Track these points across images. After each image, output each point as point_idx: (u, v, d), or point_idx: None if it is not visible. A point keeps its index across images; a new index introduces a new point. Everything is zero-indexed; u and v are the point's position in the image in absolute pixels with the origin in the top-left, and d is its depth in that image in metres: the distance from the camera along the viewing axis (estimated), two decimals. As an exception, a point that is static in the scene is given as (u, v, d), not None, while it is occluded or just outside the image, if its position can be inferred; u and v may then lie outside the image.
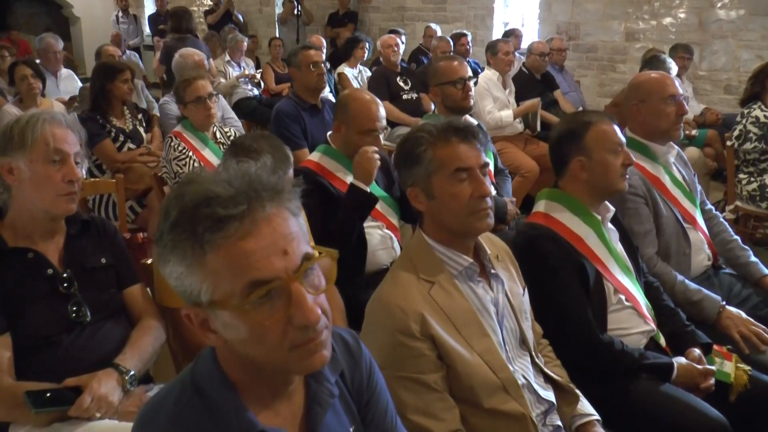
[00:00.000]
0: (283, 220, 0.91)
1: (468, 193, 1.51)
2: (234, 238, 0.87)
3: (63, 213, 1.75)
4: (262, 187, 0.90)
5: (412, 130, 1.61)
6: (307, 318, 0.89)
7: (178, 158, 3.03)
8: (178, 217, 0.88)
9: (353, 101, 2.53)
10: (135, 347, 1.77)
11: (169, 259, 0.90)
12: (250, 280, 0.87)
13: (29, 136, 1.68)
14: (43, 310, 1.70)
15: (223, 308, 0.88)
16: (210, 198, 0.88)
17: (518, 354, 1.63)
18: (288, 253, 0.90)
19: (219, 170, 0.95)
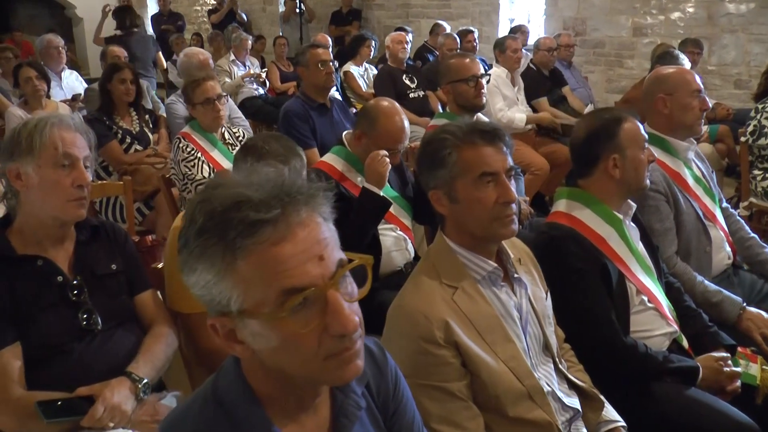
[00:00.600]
0: (317, 225, 0.87)
1: (493, 198, 1.47)
2: (267, 244, 0.83)
3: (73, 219, 1.71)
4: (296, 191, 0.86)
5: (436, 131, 1.55)
6: (344, 326, 0.85)
7: (187, 159, 2.99)
8: (206, 223, 0.84)
9: (383, 117, 2.43)
10: (147, 355, 1.73)
11: (196, 267, 0.86)
12: (284, 287, 0.83)
13: (37, 141, 1.64)
14: (53, 319, 1.66)
15: (255, 317, 0.85)
16: (241, 202, 0.84)
17: (541, 360, 1.58)
18: (323, 259, 0.86)
19: (246, 174, 0.91)
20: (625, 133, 1.95)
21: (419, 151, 1.59)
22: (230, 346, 0.90)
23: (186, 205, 0.90)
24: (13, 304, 1.61)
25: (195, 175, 2.98)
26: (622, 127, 1.96)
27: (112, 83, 3.74)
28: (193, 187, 2.98)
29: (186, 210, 0.90)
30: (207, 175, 2.99)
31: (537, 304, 1.61)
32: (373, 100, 2.60)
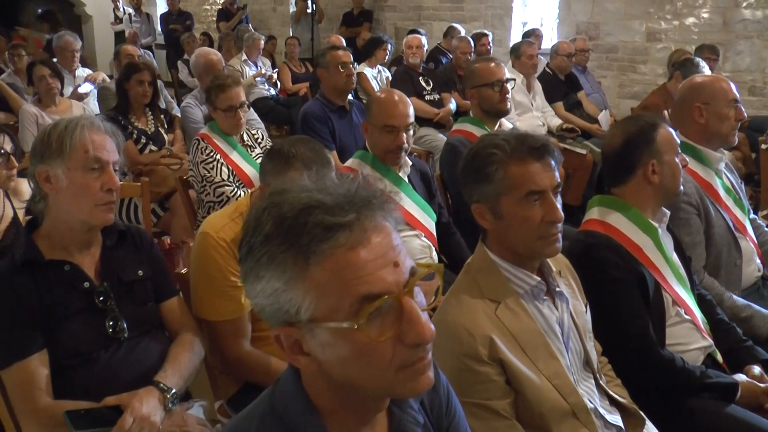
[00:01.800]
0: (390, 232, 0.84)
1: (539, 217, 1.42)
2: (344, 249, 0.80)
3: (101, 223, 1.67)
4: (371, 196, 0.84)
5: (483, 144, 1.50)
6: (421, 335, 0.81)
7: (206, 161, 2.95)
8: (275, 229, 0.81)
9: (377, 99, 2.51)
10: (175, 364, 1.69)
11: (263, 275, 0.82)
12: (360, 294, 0.79)
13: (67, 143, 1.60)
14: (79, 326, 1.62)
15: (327, 326, 0.81)
16: (313, 206, 0.81)
17: (583, 376, 1.54)
18: (398, 266, 0.82)
19: (312, 180, 0.88)
20: (661, 138, 1.91)
21: (464, 163, 1.54)
22: (294, 359, 0.87)
23: (248, 212, 0.87)
24: (41, 310, 1.57)
25: (214, 177, 2.93)
26: (659, 132, 1.92)
27: (129, 83, 3.72)
28: (212, 189, 2.94)
29: (248, 217, 0.87)
30: (226, 178, 2.95)
31: (578, 318, 1.56)
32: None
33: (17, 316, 1.55)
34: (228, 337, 1.86)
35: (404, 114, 2.43)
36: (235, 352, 1.86)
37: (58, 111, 4.18)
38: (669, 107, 4.40)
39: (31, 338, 1.55)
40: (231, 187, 2.93)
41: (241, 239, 0.87)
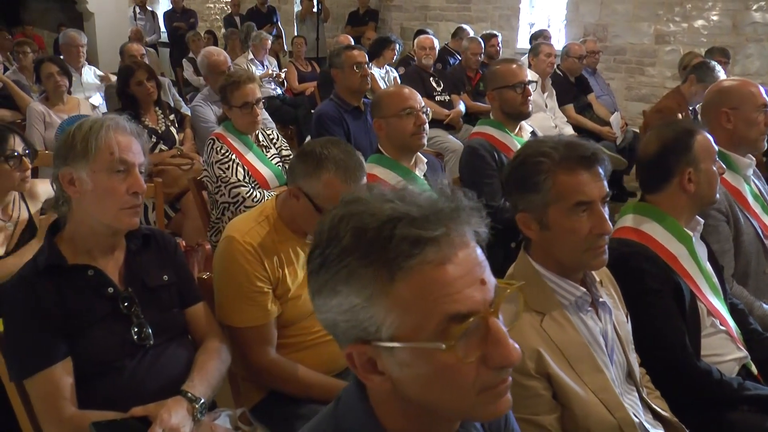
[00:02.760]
0: (474, 246, 0.80)
1: (587, 228, 1.38)
2: (433, 264, 0.75)
3: (126, 227, 1.61)
4: (459, 208, 0.79)
5: (530, 152, 1.44)
6: (507, 357, 0.78)
7: (221, 162, 2.89)
8: (355, 241, 0.76)
9: (383, 94, 2.54)
10: (202, 372, 1.64)
11: (340, 290, 0.78)
12: (448, 313, 0.75)
13: (93, 145, 1.54)
14: (104, 333, 1.56)
15: (409, 345, 0.77)
16: (398, 219, 0.76)
17: (626, 389, 1.49)
18: (485, 284, 0.78)
19: (391, 189, 0.83)
20: (699, 146, 1.87)
21: (509, 170, 1.49)
22: (367, 378, 0.82)
23: (319, 222, 0.82)
24: (65, 317, 1.52)
25: (229, 177, 2.88)
26: (696, 140, 1.87)
27: (130, 87, 3.69)
28: (227, 189, 2.88)
29: (320, 227, 0.82)
30: (241, 178, 2.89)
31: (620, 329, 1.52)
32: None
33: (41, 322, 1.49)
34: (253, 344, 1.80)
35: (417, 98, 2.46)
36: (261, 360, 1.81)
37: (65, 109, 4.13)
38: (683, 110, 4.36)
39: (56, 346, 1.50)
40: (247, 187, 2.88)
41: (311, 250, 0.82)
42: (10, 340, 1.52)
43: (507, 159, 2.85)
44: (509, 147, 2.89)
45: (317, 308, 0.83)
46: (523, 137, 2.98)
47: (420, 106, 2.39)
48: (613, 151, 5.09)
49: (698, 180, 1.85)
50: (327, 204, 1.71)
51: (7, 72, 5.74)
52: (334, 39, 9.61)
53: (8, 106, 4.68)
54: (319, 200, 1.73)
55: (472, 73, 5.89)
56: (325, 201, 1.71)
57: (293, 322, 1.87)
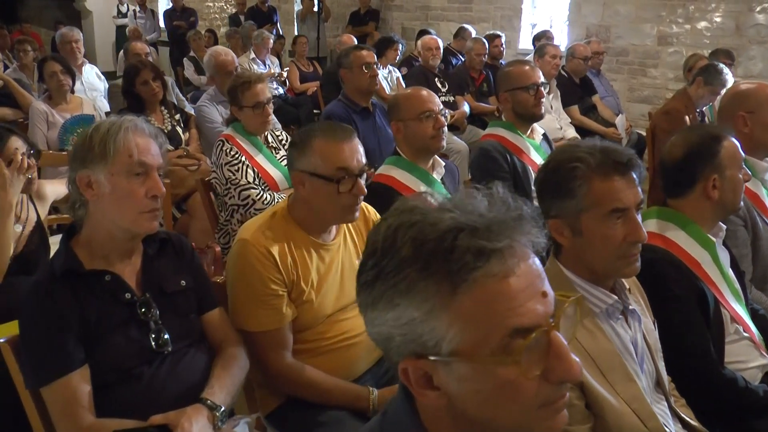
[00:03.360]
0: (534, 257, 0.78)
1: (621, 236, 1.36)
2: (498, 277, 0.73)
3: (145, 232, 1.58)
4: (521, 217, 0.77)
5: (565, 156, 1.41)
6: (570, 372, 0.75)
7: (231, 163, 2.86)
8: (414, 252, 0.74)
9: (401, 96, 2.48)
10: (222, 379, 1.61)
11: (398, 303, 0.75)
12: (512, 326, 0.73)
13: (111, 147, 1.51)
14: (122, 340, 1.53)
15: (470, 360, 0.74)
16: (460, 229, 0.73)
17: (656, 399, 1.47)
18: (546, 296, 0.76)
19: (445, 196, 0.81)
20: (725, 152, 1.84)
21: (543, 175, 1.46)
22: (422, 393, 0.79)
23: (372, 232, 0.79)
24: (82, 323, 1.49)
25: (239, 179, 2.84)
26: (723, 146, 1.85)
27: (135, 87, 3.65)
28: (237, 192, 2.85)
29: (372, 237, 0.80)
30: (251, 180, 2.86)
31: (649, 336, 1.49)
32: None
33: (58, 329, 1.46)
34: (269, 349, 1.77)
35: (436, 100, 2.43)
36: (278, 364, 1.78)
37: (68, 108, 4.09)
38: (690, 113, 4.35)
39: (73, 353, 1.46)
40: (257, 190, 2.85)
41: (364, 261, 0.79)
42: (27, 346, 1.49)
43: (519, 161, 2.83)
44: (521, 149, 2.87)
45: (369, 322, 0.80)
46: (535, 139, 2.96)
47: (439, 108, 2.37)
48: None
49: (723, 187, 1.83)
50: (330, 170, 1.72)
51: (7, 70, 5.68)
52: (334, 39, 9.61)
53: (9, 105, 4.62)
54: (321, 169, 1.74)
55: (476, 74, 5.87)
56: (327, 167, 1.73)
57: (309, 326, 1.84)
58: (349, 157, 1.75)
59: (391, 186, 2.32)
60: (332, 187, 1.72)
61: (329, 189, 1.73)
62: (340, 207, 1.76)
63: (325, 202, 1.77)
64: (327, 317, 1.85)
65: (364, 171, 1.79)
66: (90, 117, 4.06)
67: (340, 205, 1.76)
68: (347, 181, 1.73)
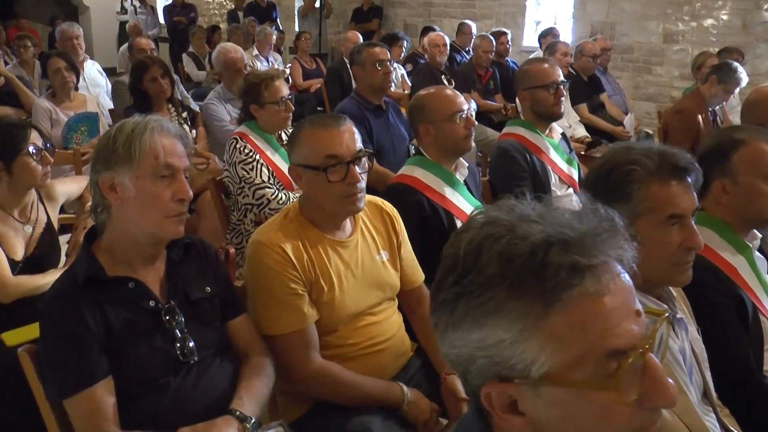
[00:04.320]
0: (625, 273, 0.73)
1: (677, 242, 1.31)
2: (593, 296, 0.68)
3: (171, 236, 1.52)
4: (618, 230, 0.72)
5: (621, 159, 1.36)
6: (667, 398, 0.70)
7: (245, 162, 2.79)
8: (503, 268, 0.69)
9: (427, 97, 2.39)
10: (250, 389, 1.54)
11: (485, 323, 0.70)
12: (609, 348, 0.68)
13: (136, 148, 1.44)
14: (146, 349, 1.47)
15: (562, 385, 0.69)
16: (551, 243, 0.68)
17: (704, 410, 1.41)
18: (639, 315, 0.71)
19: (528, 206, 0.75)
20: (740, 157, 1.76)
21: (595, 176, 1.40)
22: (505, 419, 0.74)
23: (450, 245, 0.73)
24: (105, 333, 1.42)
25: (254, 178, 2.78)
26: (740, 150, 1.77)
27: (143, 83, 3.58)
28: (251, 191, 2.78)
29: (452, 251, 0.74)
30: (266, 179, 2.80)
31: (695, 345, 1.44)
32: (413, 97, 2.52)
33: (82, 339, 1.40)
34: (296, 351, 1.70)
35: (462, 98, 2.38)
36: (307, 366, 1.70)
37: (72, 106, 4.01)
38: (702, 112, 4.31)
39: (97, 363, 1.40)
40: (272, 189, 2.78)
41: (441, 278, 0.74)
42: (48, 356, 1.43)
43: (538, 160, 2.78)
44: (540, 148, 2.81)
45: (448, 342, 0.74)
46: (554, 138, 2.91)
47: (467, 107, 2.31)
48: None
49: (735, 193, 1.76)
50: (319, 158, 1.69)
51: (7, 66, 5.59)
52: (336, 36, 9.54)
53: (11, 103, 4.53)
54: (310, 160, 1.70)
55: (483, 71, 5.80)
56: (315, 156, 1.70)
57: (333, 329, 1.77)
58: (338, 144, 1.69)
59: (413, 186, 2.26)
60: (323, 176, 1.67)
61: (321, 179, 1.68)
62: (336, 197, 1.71)
63: (321, 194, 1.72)
64: (352, 318, 1.79)
65: (360, 157, 1.73)
66: (94, 114, 3.99)
67: (336, 195, 1.70)
68: (338, 169, 1.68)
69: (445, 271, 0.74)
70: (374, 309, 1.84)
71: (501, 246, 0.70)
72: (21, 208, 2.27)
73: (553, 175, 2.84)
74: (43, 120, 3.88)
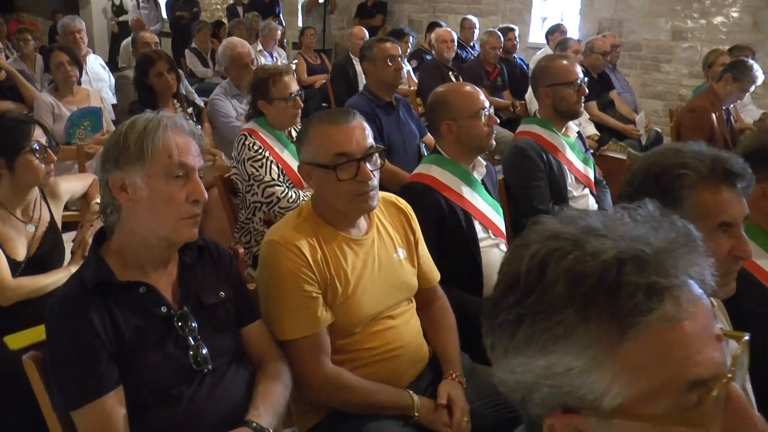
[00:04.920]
0: (704, 293, 0.65)
1: (725, 250, 1.25)
2: (673, 320, 0.61)
3: (184, 239, 1.45)
4: (697, 245, 0.65)
5: (671, 162, 1.29)
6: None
7: (254, 159, 2.71)
8: (572, 289, 0.62)
9: (449, 94, 2.32)
10: (267, 399, 1.47)
11: (553, 350, 0.63)
12: (690, 379, 0.61)
13: (149, 146, 1.37)
14: (159, 358, 1.40)
15: (637, 418, 0.62)
16: (624, 260, 0.61)
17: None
18: (720, 341, 0.64)
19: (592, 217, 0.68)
20: None
21: (641, 179, 1.33)
22: None
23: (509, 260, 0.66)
24: (116, 340, 1.35)
25: (263, 176, 2.70)
26: None
27: (149, 78, 3.51)
28: (260, 189, 2.71)
29: (513, 267, 0.67)
30: (276, 177, 2.72)
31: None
32: (431, 93, 2.45)
33: (91, 347, 1.33)
34: (309, 356, 1.62)
35: (482, 94, 2.32)
36: (320, 371, 1.63)
37: (74, 101, 3.94)
38: (717, 110, 4.24)
39: (107, 373, 1.33)
40: (282, 187, 2.71)
41: (499, 296, 0.67)
42: (56, 366, 1.35)
43: (555, 160, 2.71)
44: (557, 147, 2.74)
45: (508, 367, 0.67)
46: (570, 137, 2.84)
47: (488, 104, 2.24)
48: (638, 150, 4.97)
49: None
50: (328, 157, 1.63)
51: (7, 61, 5.50)
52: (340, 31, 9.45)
53: (13, 98, 4.45)
54: (319, 158, 1.64)
55: (490, 68, 5.73)
56: (325, 155, 1.64)
57: (349, 331, 1.70)
58: (347, 141, 1.63)
59: (430, 185, 2.19)
60: (333, 175, 1.61)
61: (331, 178, 1.62)
62: (347, 196, 1.64)
63: (331, 193, 1.66)
64: (368, 321, 1.72)
65: (372, 154, 1.66)
66: (97, 109, 3.92)
67: (347, 193, 1.64)
68: (348, 167, 1.62)
69: (504, 290, 0.67)
70: (392, 312, 1.77)
71: (568, 263, 0.63)
72: (23, 207, 2.20)
73: (569, 175, 2.77)
74: (45, 115, 3.80)
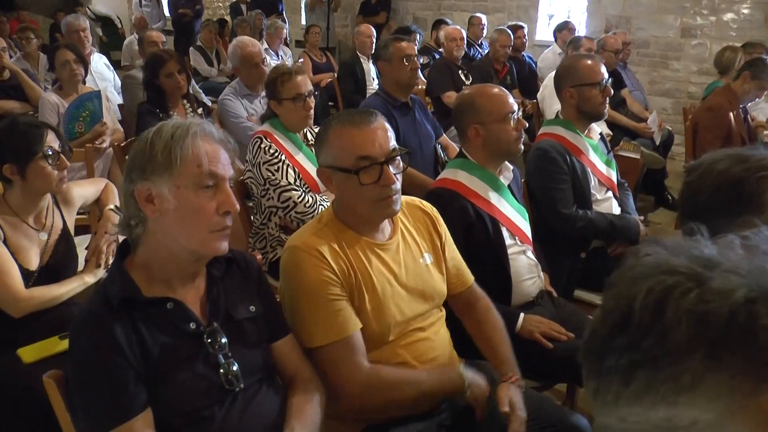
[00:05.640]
0: None
1: None
2: None
3: (214, 253, 1.37)
4: None
5: (749, 165, 1.22)
6: None
7: (270, 162, 2.64)
8: (698, 332, 0.55)
9: (477, 96, 2.22)
10: (301, 418, 1.40)
11: (676, 401, 0.56)
12: None
13: (177, 155, 1.29)
14: (188, 377, 1.32)
15: None
16: (753, 300, 0.54)
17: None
18: None
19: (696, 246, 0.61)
20: None
21: (712, 187, 1.25)
22: None
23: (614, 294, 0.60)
24: (144, 360, 1.28)
25: (279, 180, 2.63)
26: None
27: (159, 79, 3.43)
28: (276, 193, 2.63)
29: (622, 303, 0.60)
30: (292, 181, 2.64)
31: None
32: (458, 95, 2.36)
33: (117, 368, 1.25)
34: (344, 360, 1.54)
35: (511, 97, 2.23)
36: (358, 374, 1.53)
37: (79, 100, 3.85)
38: (734, 109, 4.17)
39: (134, 395, 1.26)
40: (298, 191, 2.63)
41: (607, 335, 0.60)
42: (80, 387, 1.28)
43: (578, 162, 2.64)
44: (581, 149, 2.67)
45: (617, 416, 0.60)
46: (593, 138, 2.76)
47: (517, 107, 2.17)
48: (650, 149, 4.90)
49: None
50: (350, 160, 1.55)
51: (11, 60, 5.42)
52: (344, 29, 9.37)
53: (17, 97, 4.37)
54: (340, 161, 1.57)
55: (500, 66, 5.65)
56: (346, 158, 1.56)
57: (377, 343, 1.62)
58: (370, 143, 1.55)
59: (457, 191, 2.11)
60: (355, 179, 1.54)
61: (353, 181, 1.55)
62: (370, 200, 1.57)
63: (353, 197, 1.59)
64: (397, 332, 1.65)
65: (395, 156, 1.58)
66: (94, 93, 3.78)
67: (369, 198, 1.56)
68: (371, 170, 1.54)
69: (611, 329, 0.60)
70: (423, 323, 1.70)
71: (690, 303, 0.55)
72: (36, 214, 2.13)
73: (593, 178, 2.70)
74: (50, 114, 3.73)
